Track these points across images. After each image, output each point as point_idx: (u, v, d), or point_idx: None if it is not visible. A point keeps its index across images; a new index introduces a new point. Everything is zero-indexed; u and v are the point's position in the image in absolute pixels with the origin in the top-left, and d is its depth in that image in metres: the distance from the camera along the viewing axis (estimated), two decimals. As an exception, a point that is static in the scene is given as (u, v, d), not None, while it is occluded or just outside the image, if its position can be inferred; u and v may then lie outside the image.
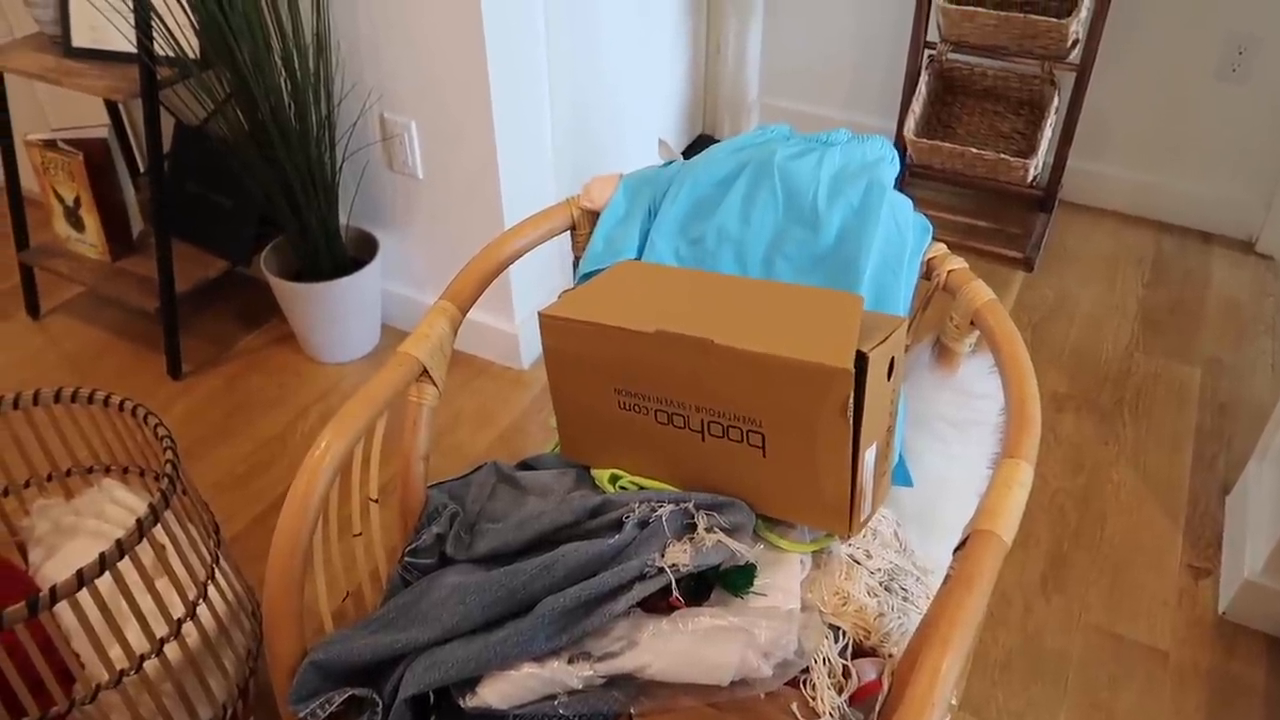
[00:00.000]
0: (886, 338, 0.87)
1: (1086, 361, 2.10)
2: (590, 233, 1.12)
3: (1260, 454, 1.69)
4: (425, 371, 1.01)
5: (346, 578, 1.04)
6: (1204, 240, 2.47)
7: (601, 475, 1.01)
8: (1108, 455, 1.88)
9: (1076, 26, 2.14)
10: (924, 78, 2.38)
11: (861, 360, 0.83)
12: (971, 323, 0.99)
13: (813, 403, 0.84)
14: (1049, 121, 2.27)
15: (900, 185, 2.58)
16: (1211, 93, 2.31)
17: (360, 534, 1.00)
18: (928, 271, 1.03)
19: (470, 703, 0.86)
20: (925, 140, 2.33)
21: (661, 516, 0.91)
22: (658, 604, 0.90)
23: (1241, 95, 2.29)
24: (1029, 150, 2.34)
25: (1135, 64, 2.35)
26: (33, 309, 2.21)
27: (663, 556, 0.88)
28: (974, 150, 2.26)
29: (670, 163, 1.13)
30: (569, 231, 1.15)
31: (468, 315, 2.00)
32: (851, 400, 0.83)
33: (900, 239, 1.00)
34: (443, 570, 0.99)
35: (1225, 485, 1.81)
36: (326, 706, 0.89)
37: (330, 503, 0.93)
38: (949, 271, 1.01)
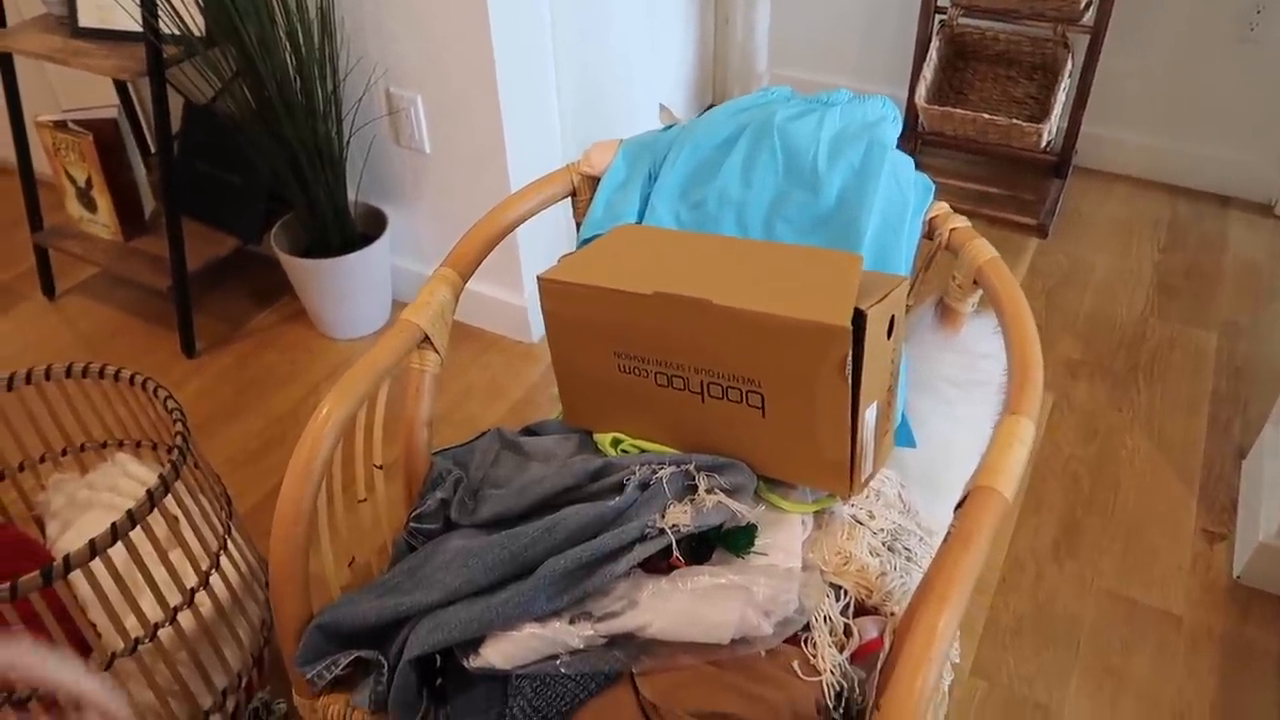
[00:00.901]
0: (885, 296, 0.87)
1: (1101, 328, 2.08)
2: (591, 198, 1.12)
3: (1277, 418, 1.67)
4: (427, 338, 1.02)
5: (354, 544, 1.05)
6: (1221, 204, 2.43)
7: (603, 439, 1.01)
8: (1121, 421, 1.87)
9: (1089, -13, 2.11)
10: (935, 43, 2.35)
11: (860, 318, 0.83)
12: (975, 282, 0.98)
13: (811, 362, 0.84)
14: (1062, 86, 2.24)
15: (914, 154, 2.56)
16: (1228, 54, 2.27)
17: (365, 500, 1.01)
18: (930, 231, 1.03)
19: (474, 663, 0.87)
20: (937, 107, 2.30)
21: (662, 478, 0.91)
22: (659, 565, 0.90)
23: (1259, 56, 2.25)
24: (1042, 115, 2.31)
25: (1150, 25, 2.31)
26: (48, 289, 2.23)
27: (663, 518, 0.89)
28: (986, 116, 2.24)
29: (670, 127, 1.13)
30: (570, 198, 1.15)
31: (479, 290, 2.03)
32: (850, 359, 0.83)
33: (901, 198, 0.99)
34: (447, 535, 1.00)
35: (1241, 449, 1.79)
36: (333, 668, 0.90)
37: (334, 469, 0.94)
38: (951, 230, 1.00)
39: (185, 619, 1.22)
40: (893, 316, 0.89)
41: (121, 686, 1.17)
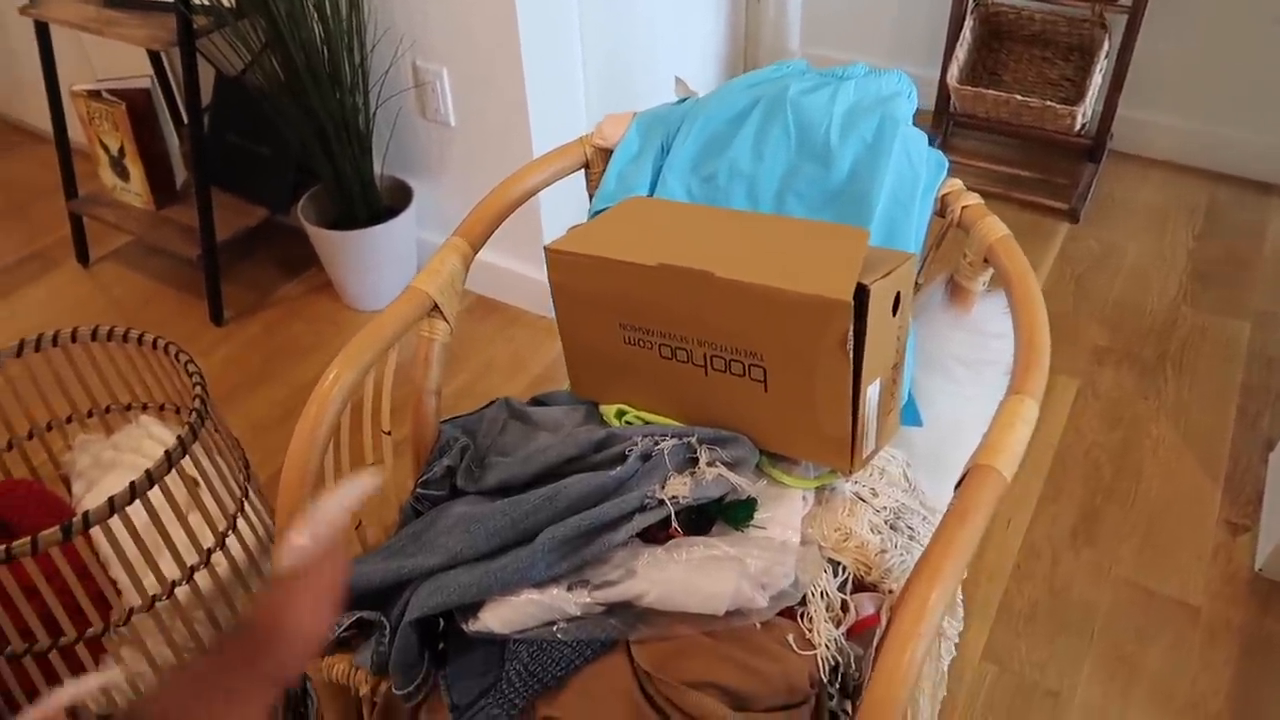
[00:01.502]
0: (891, 271, 0.86)
1: (1130, 315, 2.05)
2: (604, 171, 1.12)
3: (1306, 408, 1.64)
4: (437, 307, 1.02)
5: (361, 509, 1.07)
6: (1262, 191, 2.38)
7: (608, 410, 1.01)
8: (1148, 410, 1.84)
9: (1129, -34, 2.06)
10: (969, 23, 2.31)
11: (862, 293, 0.82)
12: (985, 260, 0.97)
13: (812, 336, 0.84)
14: (1098, 67, 2.19)
15: (945, 135, 2.53)
16: (1270, 36, 2.21)
17: (373, 465, 1.02)
18: (942, 208, 1.01)
19: (472, 626, 0.88)
20: (969, 88, 2.27)
21: (664, 450, 0.91)
22: (658, 535, 0.91)
23: (1305, 38, 2.19)
24: (1077, 98, 2.26)
25: (1191, 6, 2.25)
26: (82, 257, 2.28)
27: (663, 489, 0.89)
28: (1019, 98, 2.20)
29: (685, 99, 1.12)
30: (584, 170, 1.15)
31: (504, 265, 2.04)
32: (851, 334, 0.82)
33: (913, 174, 0.98)
34: (452, 501, 1.01)
35: (1270, 442, 1.76)
36: (336, 628, 0.92)
37: (342, 434, 0.95)
38: (963, 208, 0.99)
39: (202, 579, 1.25)
40: (898, 293, 0.88)
41: (139, 641, 1.20)
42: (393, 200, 2.06)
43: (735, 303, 0.86)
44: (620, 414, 1.00)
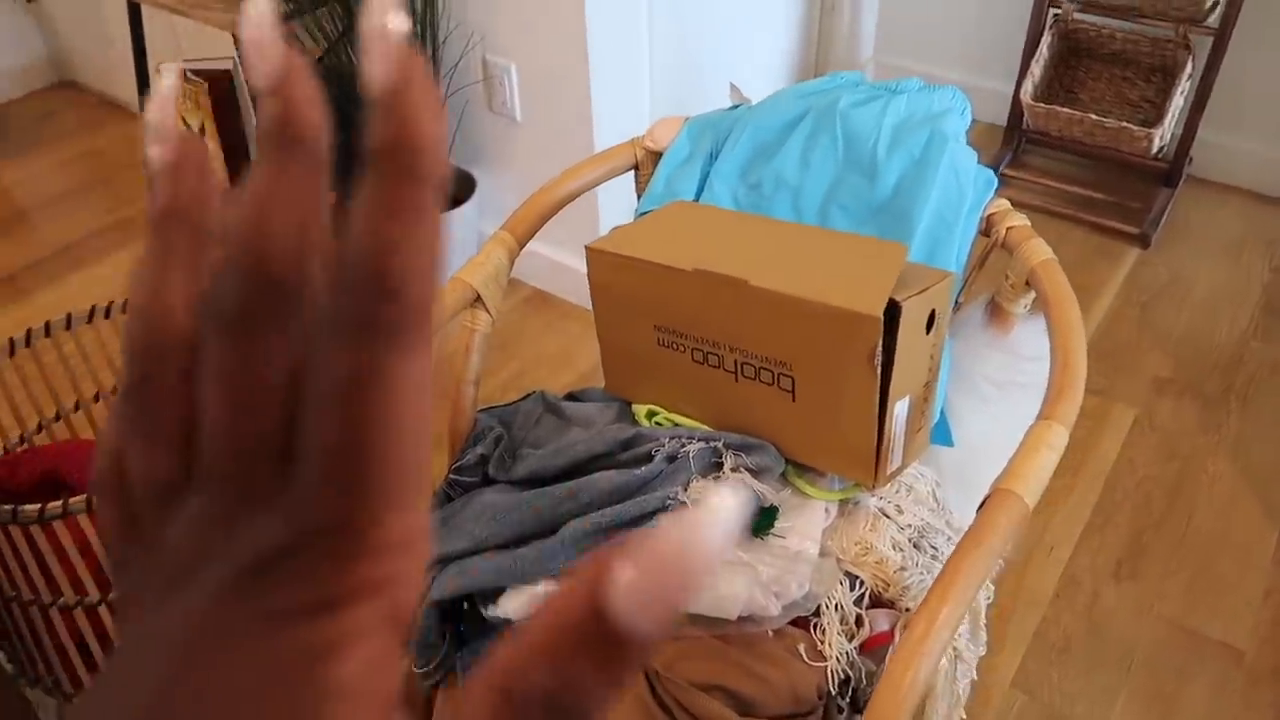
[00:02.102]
0: (926, 289, 0.86)
1: (1195, 346, 1.99)
2: (653, 173, 1.13)
3: (1373, 454, 1.58)
4: (479, 298, 1.05)
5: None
6: (1347, 226, 2.29)
7: (640, 410, 1.02)
8: (1206, 445, 1.79)
9: (1217, -12, 2.01)
10: (1047, 38, 2.27)
11: (894, 309, 0.82)
12: (1028, 283, 0.96)
13: (841, 349, 0.84)
14: (1180, 89, 2.13)
15: (1016, 152, 2.48)
16: (1368, 65, 2.13)
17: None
18: (987, 227, 1.00)
19: (491, 612, 0.90)
20: (1042, 105, 2.23)
21: (689, 453, 0.92)
22: (677, 537, 0.92)
23: (1403, 69, 2.10)
24: (1156, 119, 2.21)
25: (1278, 29, 2.18)
26: (160, 229, 2.36)
27: (685, 491, 0.90)
28: (1094, 117, 2.15)
29: (737, 106, 1.13)
30: (634, 171, 1.17)
31: (560, 259, 2.06)
32: (880, 349, 0.82)
33: (959, 192, 0.98)
34: (482, 489, 1.03)
35: (1334, 485, 1.70)
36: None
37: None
38: (1009, 228, 0.98)
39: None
40: (933, 311, 0.88)
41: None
42: (456, 190, 2.10)
43: (767, 312, 0.87)
44: (651, 414, 1.01)
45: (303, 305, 0.18)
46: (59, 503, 1.11)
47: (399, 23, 0.16)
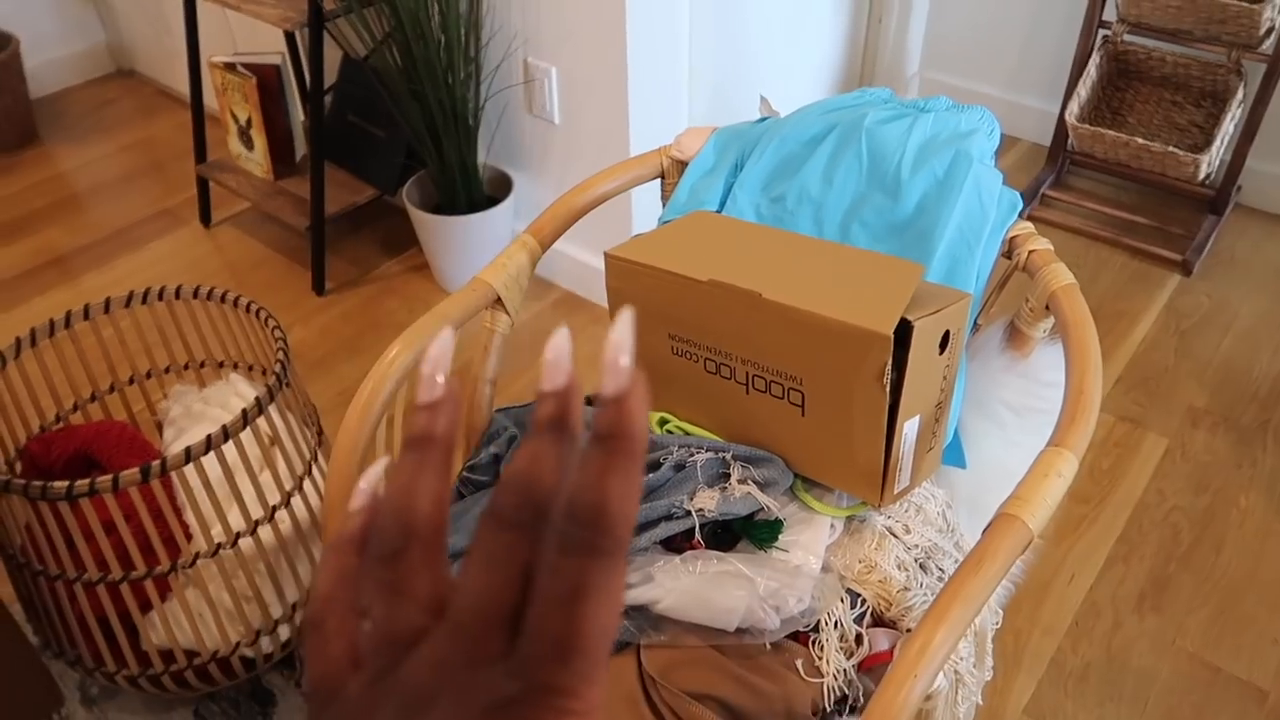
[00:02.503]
0: (941, 309, 0.85)
1: (1234, 377, 1.95)
2: (678, 183, 1.14)
3: None
4: (499, 300, 1.06)
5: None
6: (1400, 261, 2.23)
7: (652, 417, 1.03)
8: (1239, 479, 1.75)
9: (1271, 13, 1.96)
10: (1095, 59, 2.24)
11: (905, 328, 0.82)
12: (1047, 307, 0.95)
13: (851, 366, 0.84)
14: (1230, 116, 2.09)
15: (1060, 173, 2.45)
16: None
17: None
18: (1009, 250, 1.00)
19: (493, 611, 0.91)
20: (1088, 126, 2.20)
21: (697, 462, 0.93)
22: (681, 545, 0.92)
23: None
24: (1204, 145, 2.17)
25: (1341, 59, 2.13)
26: (205, 218, 2.42)
27: (691, 500, 0.91)
28: (1140, 140, 2.12)
29: (765, 118, 1.13)
30: (660, 180, 1.17)
31: (595, 264, 2.07)
32: (889, 367, 0.82)
33: (982, 214, 0.97)
34: (493, 489, 1.04)
35: (1370, 527, 1.65)
36: (368, 595, 0.96)
37: (396, 410, 1.00)
38: (1030, 252, 0.97)
39: (265, 533, 1.32)
40: (947, 331, 0.87)
41: (203, 584, 1.28)
42: (494, 190, 2.13)
43: (779, 325, 0.87)
44: (663, 422, 1.02)
45: (548, 522, 0.25)
46: (86, 481, 1.14)
47: (627, 360, 0.25)
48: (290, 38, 2.33)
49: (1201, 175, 2.11)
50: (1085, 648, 1.51)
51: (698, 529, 0.89)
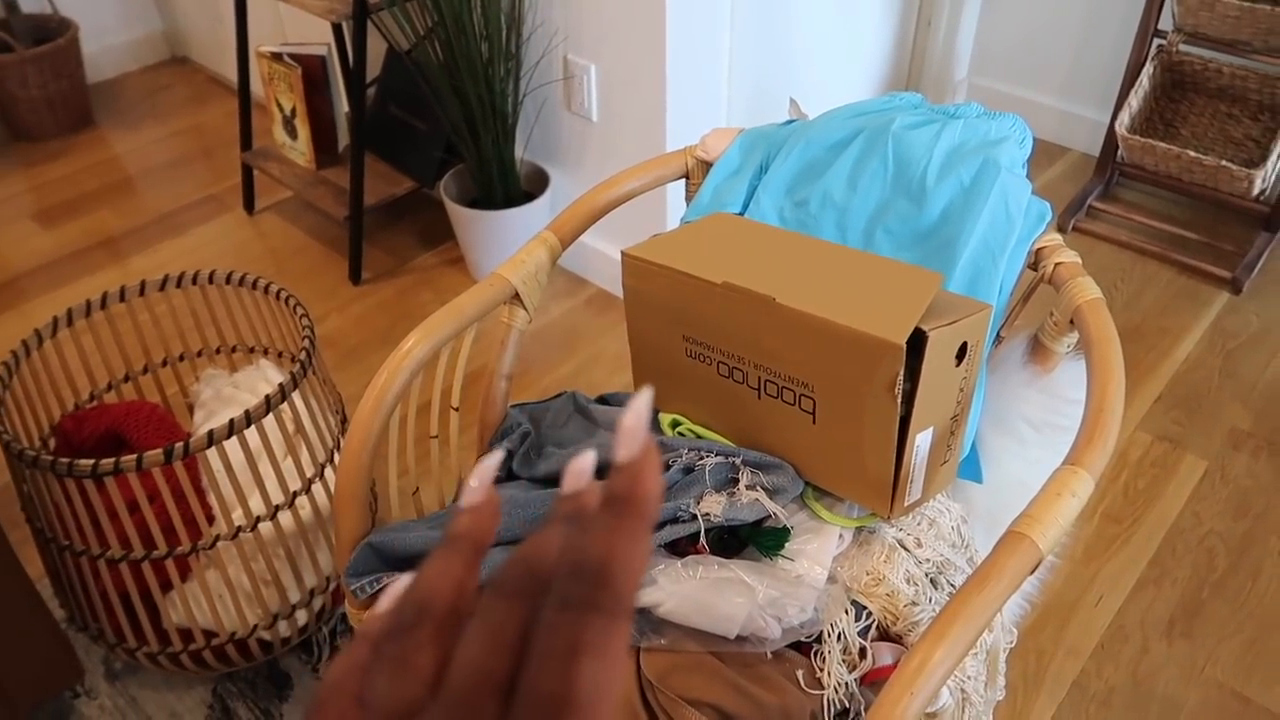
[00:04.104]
0: (958, 320, 0.83)
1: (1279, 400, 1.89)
2: (703, 183, 1.13)
3: None
4: (517, 295, 1.06)
5: (422, 478, 1.12)
6: None
7: (664, 419, 1.02)
8: (1280, 504, 1.70)
9: (1334, 26, 1.90)
10: (1149, 69, 2.18)
11: (920, 338, 0.80)
12: (1072, 321, 0.93)
13: (862, 375, 0.82)
14: (1287, 130, 2.03)
15: (1109, 185, 2.39)
16: None
17: (436, 436, 1.07)
18: (1035, 261, 0.97)
19: (495, 606, 0.91)
20: (1139, 138, 2.14)
21: (706, 466, 0.92)
22: (686, 549, 0.91)
23: None
24: (1259, 160, 2.10)
25: None
26: (249, 205, 2.45)
27: (698, 504, 0.90)
28: (1192, 154, 2.06)
29: (792, 121, 1.11)
30: (684, 180, 1.16)
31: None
32: (902, 378, 0.80)
33: (1008, 224, 0.95)
34: (505, 484, 1.04)
35: None
36: (375, 584, 0.97)
37: (410, 401, 1.00)
38: (1056, 264, 0.95)
39: (285, 518, 1.34)
40: (965, 343, 0.85)
41: (222, 566, 1.30)
42: (530, 186, 2.13)
43: (792, 331, 0.86)
44: (675, 424, 1.01)
45: (548, 586, 0.25)
46: (111, 460, 1.16)
47: (642, 433, 0.26)
48: (337, 29, 2.36)
49: (1256, 191, 2.05)
50: (1110, 671, 1.47)
51: (702, 533, 0.88)
